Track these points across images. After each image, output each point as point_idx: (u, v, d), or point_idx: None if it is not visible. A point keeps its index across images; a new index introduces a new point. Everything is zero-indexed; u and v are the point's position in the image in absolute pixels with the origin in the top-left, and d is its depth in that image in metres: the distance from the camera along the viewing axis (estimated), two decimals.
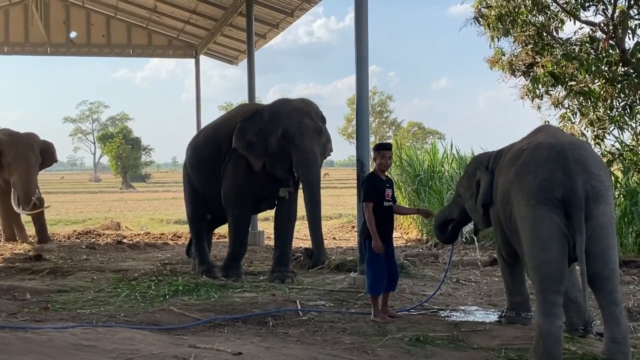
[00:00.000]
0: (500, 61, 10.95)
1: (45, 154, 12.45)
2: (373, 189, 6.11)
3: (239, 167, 7.95)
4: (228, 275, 8.01)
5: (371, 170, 6.64)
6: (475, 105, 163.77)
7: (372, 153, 6.44)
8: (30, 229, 12.86)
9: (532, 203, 4.60)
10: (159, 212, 22.92)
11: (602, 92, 10.22)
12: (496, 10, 10.52)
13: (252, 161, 7.75)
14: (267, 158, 7.74)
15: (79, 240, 13.05)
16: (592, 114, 10.40)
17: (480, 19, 10.64)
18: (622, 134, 10.52)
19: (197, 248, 8.81)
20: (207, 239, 9.10)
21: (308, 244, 11.89)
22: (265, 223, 14.00)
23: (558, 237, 4.49)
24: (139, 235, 14.08)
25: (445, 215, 6.22)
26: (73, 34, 16.83)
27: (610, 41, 9.92)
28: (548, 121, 10.80)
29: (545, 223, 4.52)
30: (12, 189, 11.91)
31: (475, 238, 6.37)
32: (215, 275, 8.18)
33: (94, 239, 13.24)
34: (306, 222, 7.88)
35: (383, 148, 6.29)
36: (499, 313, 5.95)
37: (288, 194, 7.98)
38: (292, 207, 8.24)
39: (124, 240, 12.76)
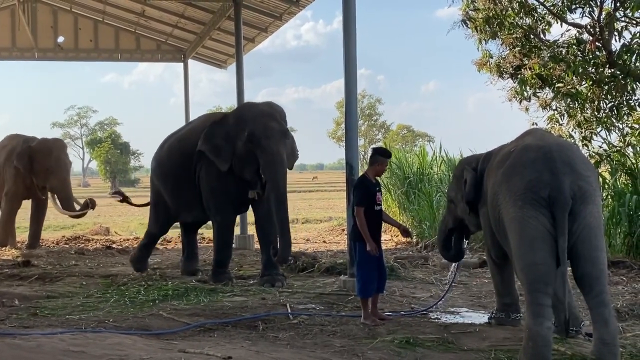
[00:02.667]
0: (488, 63, 10.98)
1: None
2: (366, 193, 6.09)
3: (211, 172, 8.09)
4: (218, 280, 8.02)
5: (361, 172, 6.60)
6: (464, 108, 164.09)
7: (370, 156, 6.35)
8: (20, 235, 12.80)
9: (519, 204, 4.62)
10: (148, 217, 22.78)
11: (589, 94, 10.27)
12: (483, 12, 10.54)
13: (218, 164, 7.90)
14: (236, 161, 7.86)
15: (67, 246, 12.99)
16: (579, 115, 10.44)
17: (467, 21, 10.66)
18: (609, 135, 10.58)
19: (144, 247, 9.30)
20: (191, 242, 9.25)
21: (298, 246, 11.91)
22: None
23: (545, 238, 4.50)
24: (128, 240, 14.01)
25: (444, 229, 6.19)
26: (61, 39, 16.75)
27: (597, 43, 9.95)
28: (536, 123, 10.86)
29: (532, 224, 4.54)
30: (52, 194, 12.14)
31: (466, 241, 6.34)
32: (143, 272, 8.78)
33: (82, 244, 13.18)
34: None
35: (388, 156, 6.38)
36: (489, 314, 5.97)
37: (257, 196, 8.06)
38: (270, 209, 8.21)
39: (113, 246, 12.71)
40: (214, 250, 8.42)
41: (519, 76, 10.58)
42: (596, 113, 10.41)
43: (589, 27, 10.08)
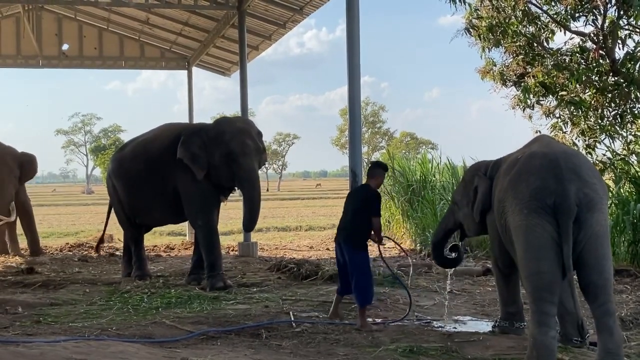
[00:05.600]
0: (492, 71, 10.98)
1: (25, 167, 12.28)
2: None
3: (189, 179, 8.44)
4: (213, 285, 8.08)
5: (364, 182, 6.63)
6: (467, 116, 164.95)
7: (371, 168, 6.46)
8: (22, 242, 12.81)
9: (524, 212, 4.61)
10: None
11: (592, 102, 10.25)
12: (487, 21, 10.55)
13: (195, 171, 8.35)
14: (212, 169, 8.38)
15: (71, 253, 13.00)
16: (583, 123, 10.43)
17: (471, 29, 10.67)
18: (613, 143, 10.55)
19: (135, 253, 9.40)
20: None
21: (301, 254, 11.92)
22: (258, 234, 13.98)
23: (550, 246, 4.48)
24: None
25: (442, 228, 6.14)
26: (65, 46, 16.80)
27: (601, 51, 9.96)
28: (540, 131, 10.84)
29: (537, 232, 4.52)
30: None
31: (460, 247, 6.27)
32: (146, 280, 8.84)
33: (86, 252, 13.19)
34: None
35: (387, 169, 6.61)
36: (493, 323, 5.95)
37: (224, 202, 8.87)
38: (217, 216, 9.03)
39: (117, 253, 12.70)
40: (203, 256, 8.52)
41: (522, 84, 10.59)
42: (600, 121, 10.39)
43: (592, 35, 10.08)
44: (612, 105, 10.23)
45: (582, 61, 10.26)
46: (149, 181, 8.81)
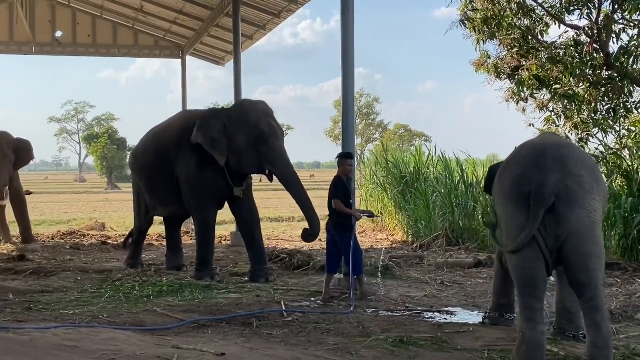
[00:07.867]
0: (486, 64, 10.99)
1: (20, 153, 12.22)
2: (345, 191, 7.03)
3: (190, 168, 8.23)
4: (199, 278, 8.04)
5: (357, 171, 6.82)
6: (461, 108, 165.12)
7: (338, 159, 7.12)
8: (15, 229, 12.77)
9: (503, 202, 4.58)
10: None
11: (586, 96, 10.28)
12: (482, 13, 10.55)
13: (217, 156, 7.99)
14: (233, 155, 8.00)
15: (63, 241, 12.96)
16: (576, 117, 10.46)
17: (466, 22, 10.66)
18: (606, 137, 10.59)
19: (133, 243, 9.45)
20: (174, 236, 9.41)
21: (293, 244, 11.92)
22: None
23: (530, 240, 4.35)
24: (123, 236, 13.97)
25: None
26: (59, 34, 16.70)
27: (595, 45, 9.96)
28: (533, 124, 10.89)
29: (516, 223, 4.43)
30: None
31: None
32: (137, 269, 8.87)
33: (78, 240, 13.17)
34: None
35: (349, 157, 7.18)
36: (483, 314, 5.97)
37: (242, 194, 8.25)
38: (253, 205, 8.53)
39: (109, 241, 12.70)
40: (196, 248, 8.46)
41: (516, 77, 10.61)
42: (593, 115, 10.42)
43: (587, 29, 10.09)
44: (606, 99, 10.26)
45: (577, 55, 10.27)
46: (161, 173, 8.62)
